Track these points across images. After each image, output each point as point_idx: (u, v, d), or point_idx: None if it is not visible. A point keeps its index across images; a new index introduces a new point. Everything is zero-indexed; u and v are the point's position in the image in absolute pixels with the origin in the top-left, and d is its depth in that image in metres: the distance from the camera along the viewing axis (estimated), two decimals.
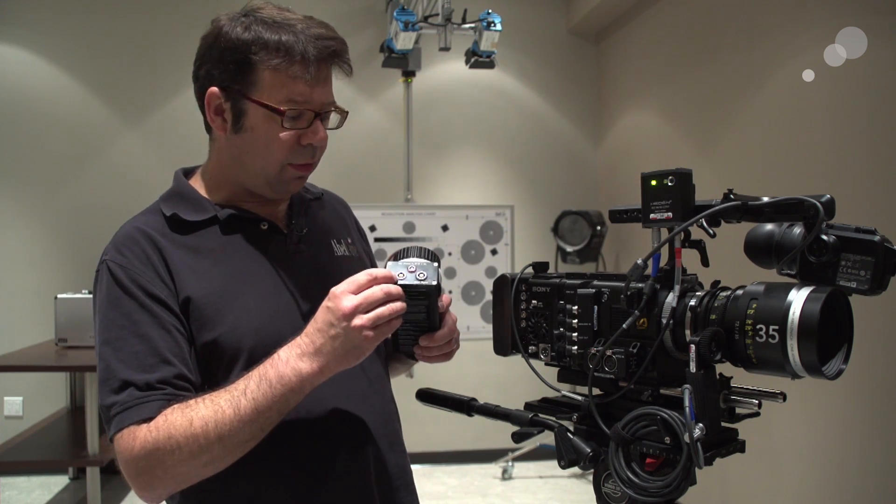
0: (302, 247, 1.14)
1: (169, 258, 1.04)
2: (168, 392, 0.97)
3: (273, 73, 1.02)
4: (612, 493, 0.84)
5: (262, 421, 0.92)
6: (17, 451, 3.44)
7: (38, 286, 4.32)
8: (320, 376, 0.93)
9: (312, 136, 1.06)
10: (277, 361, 0.93)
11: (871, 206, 2.49)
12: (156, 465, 0.93)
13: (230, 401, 0.92)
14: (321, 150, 1.09)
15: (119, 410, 0.95)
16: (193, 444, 0.91)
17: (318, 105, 1.05)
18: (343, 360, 0.93)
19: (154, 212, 1.11)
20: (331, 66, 1.07)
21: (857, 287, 0.75)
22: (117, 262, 1.03)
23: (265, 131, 1.04)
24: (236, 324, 1.03)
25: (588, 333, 0.89)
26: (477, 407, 1.03)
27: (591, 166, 4.97)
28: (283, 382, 0.92)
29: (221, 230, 1.10)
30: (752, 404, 0.80)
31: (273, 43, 1.01)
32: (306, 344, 0.93)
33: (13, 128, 4.39)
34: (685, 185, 0.81)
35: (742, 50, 3.26)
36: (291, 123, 1.04)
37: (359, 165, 4.66)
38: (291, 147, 1.05)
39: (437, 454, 4.63)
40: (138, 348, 0.98)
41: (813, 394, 2.70)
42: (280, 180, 1.08)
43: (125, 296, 1.00)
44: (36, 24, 4.41)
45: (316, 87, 1.04)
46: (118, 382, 0.97)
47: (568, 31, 4.93)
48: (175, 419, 0.93)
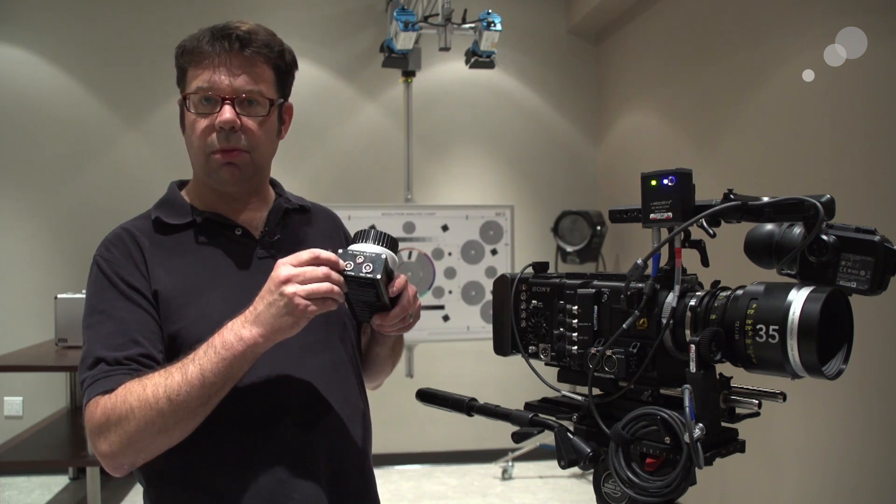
0: (273, 252, 1.20)
1: (147, 255, 1.15)
2: (132, 367, 1.06)
3: (191, 71, 1.14)
4: (612, 493, 0.84)
5: (207, 386, 0.99)
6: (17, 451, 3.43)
7: (38, 286, 4.32)
8: (262, 342, 0.99)
9: (218, 118, 1.11)
10: (224, 330, 1.01)
11: (871, 206, 2.49)
12: (112, 429, 1.00)
13: (180, 368, 1.00)
14: (246, 136, 1.14)
15: (89, 384, 1.05)
16: (146, 409, 0.99)
17: (226, 90, 1.12)
18: (279, 325, 0.98)
19: (145, 217, 1.22)
20: (243, 55, 1.13)
21: (857, 287, 0.75)
22: (104, 258, 1.14)
23: (189, 123, 1.15)
24: (197, 319, 1.11)
25: (588, 333, 0.89)
26: (477, 407, 1.03)
27: (591, 166, 4.97)
28: (227, 347, 0.99)
29: (197, 233, 1.19)
30: (752, 404, 0.80)
31: (190, 46, 1.13)
32: (249, 312, 1.01)
33: (13, 128, 4.39)
34: (685, 185, 0.81)
35: (742, 50, 3.26)
36: (197, 108, 1.13)
37: (359, 165, 4.66)
38: (207, 133, 1.13)
39: (437, 454, 4.63)
40: (112, 329, 1.08)
41: (813, 394, 2.70)
42: (211, 169, 1.15)
43: (109, 285, 1.12)
44: (36, 24, 4.41)
45: (220, 74, 1.11)
46: (91, 359, 1.07)
47: (568, 31, 4.93)
48: (132, 387, 1.02)
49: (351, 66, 4.59)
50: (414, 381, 3.81)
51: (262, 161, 1.20)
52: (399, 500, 4.04)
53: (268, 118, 1.17)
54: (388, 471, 4.48)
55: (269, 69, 1.17)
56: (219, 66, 1.11)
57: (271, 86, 1.17)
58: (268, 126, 1.17)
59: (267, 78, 1.16)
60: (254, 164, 1.17)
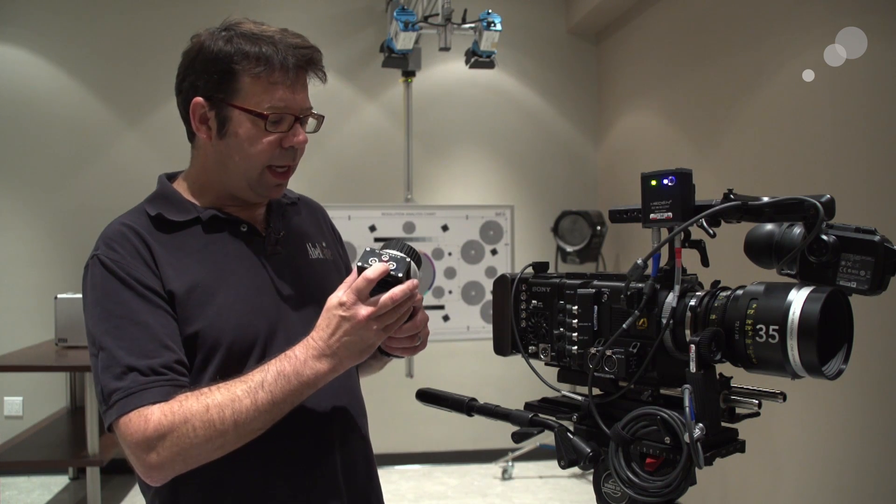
0: (279, 248, 1.21)
1: (155, 253, 1.10)
2: (170, 377, 1.03)
3: (254, 81, 1.10)
4: (612, 493, 0.84)
5: (275, 412, 1.00)
6: (17, 451, 3.44)
7: (38, 286, 4.32)
8: (334, 373, 1.03)
9: (293, 138, 1.13)
10: (294, 360, 1.01)
11: (871, 206, 2.49)
12: (170, 447, 0.98)
13: (247, 392, 1.00)
14: (300, 152, 1.17)
15: (123, 395, 1.00)
16: (210, 429, 0.98)
17: (298, 109, 1.13)
18: (357, 357, 1.03)
19: (139, 213, 1.16)
20: (307, 74, 1.15)
21: (857, 287, 0.75)
22: (110, 258, 1.08)
23: (248, 136, 1.11)
24: (216, 319, 1.09)
25: (588, 333, 0.89)
26: (477, 407, 1.03)
27: (590, 166, 4.97)
28: (301, 379, 1.00)
29: (203, 230, 1.16)
30: (752, 404, 0.80)
31: (254, 53, 1.09)
32: (321, 347, 1.02)
33: (13, 128, 4.39)
34: (685, 185, 0.81)
35: (742, 50, 3.26)
36: (273, 127, 1.11)
37: (359, 165, 4.66)
38: (273, 150, 1.12)
39: (437, 454, 4.63)
40: (139, 335, 1.03)
41: (813, 394, 2.70)
42: (260, 183, 1.15)
43: (123, 287, 1.06)
44: (36, 24, 4.41)
45: (295, 93, 1.12)
46: (121, 368, 1.01)
47: (568, 31, 4.93)
48: (191, 405, 0.99)
49: (351, 66, 4.59)
50: (414, 381, 3.81)
51: None
52: (399, 500, 4.03)
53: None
54: (388, 471, 4.48)
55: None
56: (292, 85, 1.12)
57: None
58: None
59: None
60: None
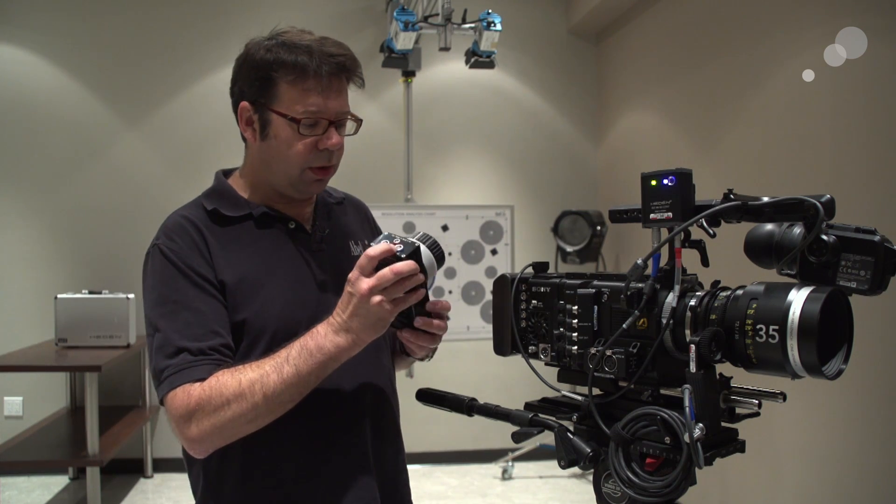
0: (323, 245, 1.28)
1: (210, 245, 1.19)
2: (216, 358, 1.11)
3: (290, 87, 1.17)
4: (612, 493, 0.84)
5: (301, 385, 1.07)
6: (17, 451, 3.44)
7: (38, 286, 4.32)
8: (354, 347, 1.08)
9: (327, 141, 1.19)
10: (316, 335, 1.08)
11: (871, 206, 2.49)
12: (206, 417, 1.07)
13: (275, 367, 1.07)
14: (338, 153, 1.23)
15: (172, 372, 1.09)
16: (241, 401, 1.06)
17: (332, 114, 1.19)
18: (371, 331, 1.07)
19: (197, 206, 1.25)
20: (343, 80, 1.21)
21: (857, 287, 0.75)
22: (169, 247, 1.17)
23: (286, 138, 1.18)
24: (263, 308, 1.18)
25: (588, 333, 0.89)
26: (477, 407, 1.03)
27: (590, 166, 4.97)
28: (323, 352, 1.07)
29: (255, 226, 1.24)
30: (752, 404, 0.80)
31: (290, 62, 1.16)
32: (339, 322, 1.08)
33: (13, 128, 4.39)
34: (685, 185, 0.81)
35: (742, 50, 3.26)
36: (308, 130, 1.18)
37: (359, 165, 4.65)
38: (309, 151, 1.19)
39: (437, 454, 4.63)
40: (191, 320, 1.13)
41: (813, 394, 2.70)
42: (301, 181, 1.22)
43: (179, 274, 1.15)
44: (36, 24, 4.41)
45: (328, 99, 1.18)
46: (173, 349, 1.11)
47: (568, 31, 4.93)
48: (226, 380, 1.07)
49: None
50: (414, 381, 3.81)
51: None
52: None
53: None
54: None
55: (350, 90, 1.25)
56: (326, 90, 1.17)
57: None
58: None
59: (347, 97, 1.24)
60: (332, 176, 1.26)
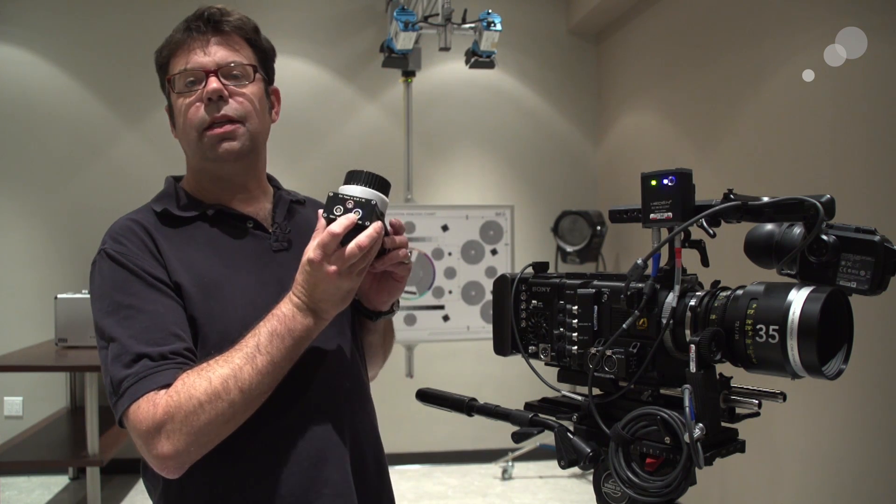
0: (284, 244, 1.21)
1: (161, 246, 1.11)
2: (180, 362, 1.02)
3: (172, 65, 1.17)
4: (612, 493, 0.84)
5: (276, 373, 1.01)
6: (17, 451, 3.44)
7: (38, 286, 4.32)
8: (323, 324, 1.04)
9: (202, 91, 1.13)
10: (283, 318, 1.01)
11: (871, 206, 2.49)
12: (180, 427, 0.97)
13: (246, 358, 0.99)
14: (236, 106, 1.14)
15: (133, 382, 0.99)
16: (216, 401, 0.97)
17: (209, 65, 1.14)
18: (340, 304, 1.04)
19: (145, 210, 1.18)
20: (209, 32, 1.15)
21: (857, 287, 0.75)
22: (117, 250, 1.09)
23: (178, 109, 1.16)
24: (223, 313, 1.10)
25: (588, 333, 0.89)
26: (477, 407, 1.03)
27: (590, 166, 4.97)
28: (294, 336, 1.01)
29: (209, 225, 1.17)
30: (752, 404, 0.80)
31: (166, 41, 1.18)
32: (306, 301, 1.02)
33: (13, 128, 4.39)
34: (685, 185, 0.81)
35: (742, 50, 3.26)
36: (185, 88, 1.14)
37: (359, 165, 4.63)
38: (197, 110, 1.13)
39: (437, 454, 4.63)
40: (149, 323, 1.03)
41: (813, 394, 2.70)
42: (207, 146, 1.14)
43: (131, 276, 1.07)
44: (36, 24, 4.41)
45: (194, 53, 1.14)
46: (131, 356, 1.01)
47: (568, 31, 4.93)
48: (193, 381, 0.98)
49: (351, 66, 4.59)
50: (414, 381, 3.81)
51: (256, 132, 1.18)
52: (399, 500, 4.01)
53: (255, 85, 1.17)
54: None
55: (245, 45, 1.19)
56: (192, 46, 1.14)
57: (252, 58, 1.19)
58: (256, 94, 1.17)
59: (245, 52, 1.18)
60: (249, 136, 1.16)
